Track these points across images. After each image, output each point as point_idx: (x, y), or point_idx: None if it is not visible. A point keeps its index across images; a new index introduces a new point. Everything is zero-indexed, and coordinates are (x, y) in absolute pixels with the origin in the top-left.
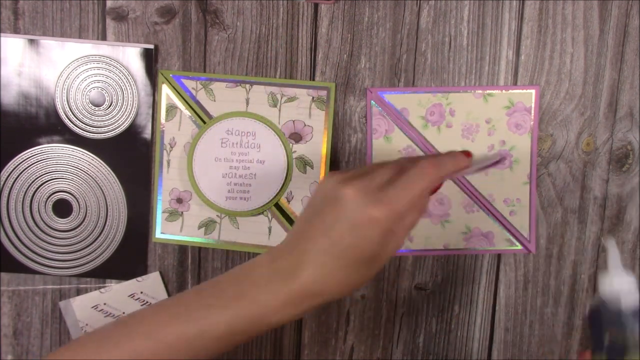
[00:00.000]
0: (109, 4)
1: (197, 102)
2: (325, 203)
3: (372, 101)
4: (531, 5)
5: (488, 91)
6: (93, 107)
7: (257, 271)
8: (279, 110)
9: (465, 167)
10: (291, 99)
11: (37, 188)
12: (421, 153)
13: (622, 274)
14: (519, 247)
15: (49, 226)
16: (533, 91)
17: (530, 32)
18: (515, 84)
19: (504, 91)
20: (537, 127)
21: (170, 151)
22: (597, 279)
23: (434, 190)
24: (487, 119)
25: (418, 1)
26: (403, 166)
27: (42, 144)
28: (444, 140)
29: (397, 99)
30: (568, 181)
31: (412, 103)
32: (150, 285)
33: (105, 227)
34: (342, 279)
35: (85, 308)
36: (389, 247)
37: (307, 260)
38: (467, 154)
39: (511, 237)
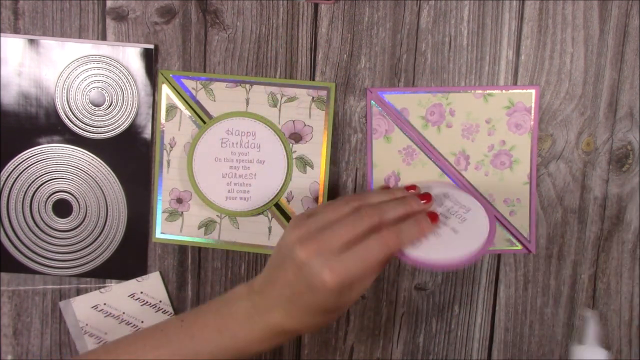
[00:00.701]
0: (109, 4)
1: (197, 102)
2: (286, 260)
3: (372, 101)
4: (531, 5)
5: (488, 91)
6: (93, 107)
7: (237, 304)
8: (279, 110)
9: (425, 230)
10: (291, 99)
11: (37, 188)
12: (421, 153)
13: (599, 349)
14: (519, 247)
15: (49, 226)
16: (533, 91)
17: (530, 32)
18: (515, 84)
19: (504, 91)
20: (537, 127)
21: (170, 151)
22: (596, 280)
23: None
24: (487, 119)
25: (418, 1)
26: (363, 227)
27: (42, 144)
28: (444, 140)
29: (397, 99)
30: (568, 181)
31: (412, 103)
32: (150, 285)
33: (105, 227)
34: (307, 322)
35: (85, 308)
36: (346, 300)
37: (277, 304)
38: (426, 197)
39: (511, 237)
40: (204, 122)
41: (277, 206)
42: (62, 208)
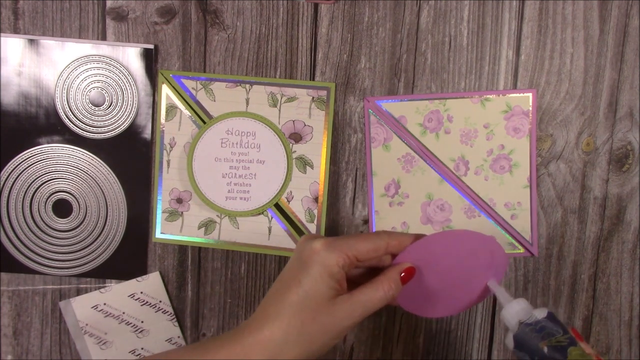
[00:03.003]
0: (109, 4)
1: (197, 102)
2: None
3: (370, 110)
4: (531, 5)
5: (485, 96)
6: (93, 107)
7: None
8: (279, 110)
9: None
10: (291, 99)
11: (37, 188)
12: (420, 160)
13: (515, 300)
14: (522, 250)
15: (49, 226)
16: (530, 94)
17: (530, 32)
18: (515, 84)
19: (501, 95)
20: (535, 130)
21: (170, 151)
22: (596, 280)
23: (405, 278)
24: (485, 124)
25: (418, 1)
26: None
27: (42, 144)
28: (443, 147)
29: (395, 107)
30: (568, 181)
31: (410, 110)
32: (150, 285)
33: (105, 227)
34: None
35: (85, 308)
36: (339, 306)
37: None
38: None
39: (513, 241)
40: (204, 122)
41: (277, 206)
42: (62, 208)
